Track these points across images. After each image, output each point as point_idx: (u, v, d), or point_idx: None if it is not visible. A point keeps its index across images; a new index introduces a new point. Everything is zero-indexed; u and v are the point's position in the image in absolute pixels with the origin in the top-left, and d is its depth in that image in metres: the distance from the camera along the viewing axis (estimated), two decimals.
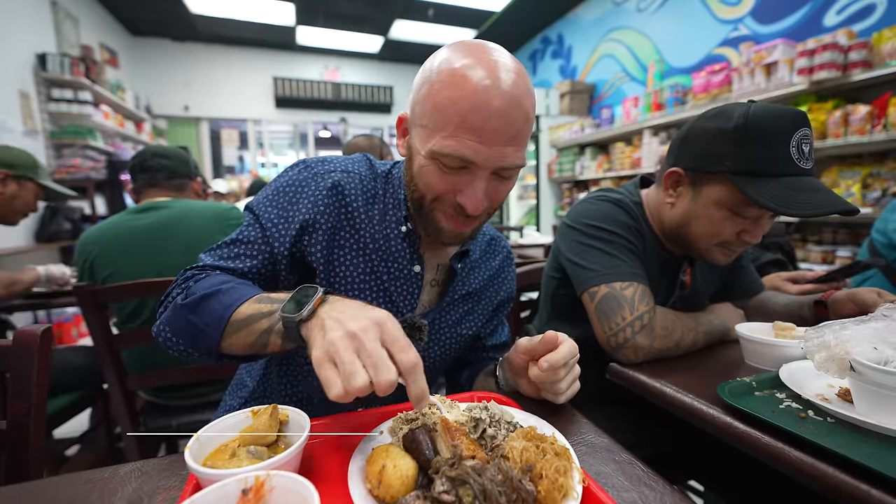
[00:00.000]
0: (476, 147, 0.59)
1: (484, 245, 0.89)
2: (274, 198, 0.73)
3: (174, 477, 0.49)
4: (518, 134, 0.61)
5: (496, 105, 0.58)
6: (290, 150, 7.95)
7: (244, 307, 0.59)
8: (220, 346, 0.60)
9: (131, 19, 5.74)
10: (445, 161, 0.61)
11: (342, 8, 5.45)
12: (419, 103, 0.64)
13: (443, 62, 0.61)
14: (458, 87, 0.58)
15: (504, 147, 0.60)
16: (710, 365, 0.85)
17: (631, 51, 4.72)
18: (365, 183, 0.76)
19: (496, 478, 0.40)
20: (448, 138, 0.60)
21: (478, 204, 0.63)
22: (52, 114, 3.91)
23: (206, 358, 0.63)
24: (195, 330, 0.62)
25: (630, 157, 4.28)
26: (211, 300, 0.61)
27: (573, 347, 0.64)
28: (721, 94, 3.25)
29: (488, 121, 0.58)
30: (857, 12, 2.80)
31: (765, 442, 0.57)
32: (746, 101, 0.85)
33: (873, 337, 0.57)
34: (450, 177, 0.63)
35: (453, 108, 0.59)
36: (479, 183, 0.63)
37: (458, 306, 0.84)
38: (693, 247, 0.95)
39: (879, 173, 2.54)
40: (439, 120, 0.60)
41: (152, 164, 1.47)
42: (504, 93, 0.58)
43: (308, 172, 0.74)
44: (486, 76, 0.58)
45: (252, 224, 0.73)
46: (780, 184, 0.79)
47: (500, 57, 0.61)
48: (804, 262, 2.80)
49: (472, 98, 0.58)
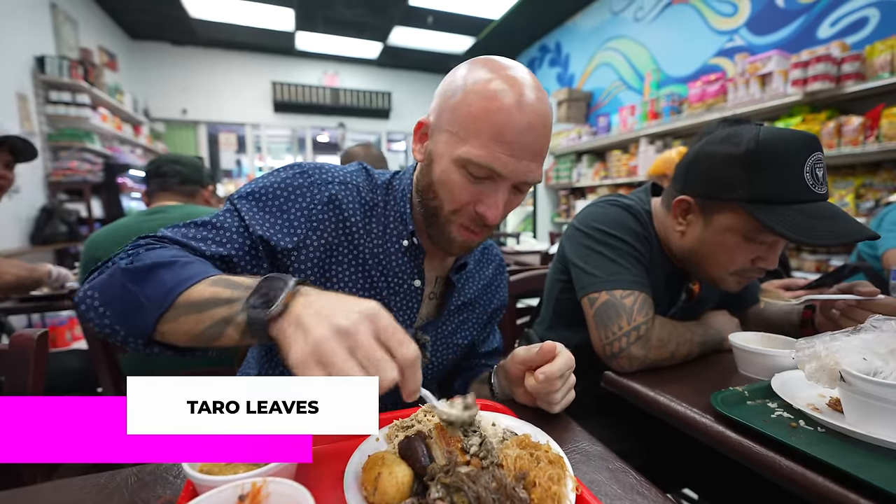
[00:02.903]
0: (506, 159, 0.61)
1: (478, 254, 0.89)
2: (261, 197, 0.68)
3: (171, 483, 0.49)
4: (542, 151, 0.64)
5: (528, 121, 0.60)
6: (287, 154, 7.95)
7: (199, 288, 0.51)
8: (157, 329, 0.52)
9: (131, 23, 5.75)
10: (472, 169, 0.62)
11: (342, 14, 5.48)
12: (449, 109, 0.64)
13: (475, 74, 0.63)
14: (494, 100, 0.60)
15: (530, 162, 0.63)
16: (703, 374, 0.85)
17: (628, 60, 4.76)
18: (363, 195, 0.74)
19: (490, 485, 0.41)
20: (480, 147, 0.61)
21: (498, 214, 0.65)
22: (49, 116, 3.90)
23: (132, 342, 0.54)
24: (133, 302, 0.52)
25: (626, 164, 4.31)
26: (162, 271, 0.53)
27: (570, 360, 0.64)
28: (716, 104, 3.29)
29: (521, 135, 0.60)
30: (851, 25, 2.84)
31: (756, 451, 0.57)
32: (754, 124, 0.83)
33: (862, 348, 0.58)
34: (473, 186, 0.64)
35: (488, 120, 0.60)
36: (502, 194, 0.64)
37: (454, 317, 0.84)
38: (707, 275, 0.93)
39: (872, 184, 2.57)
40: (472, 128, 0.61)
41: (167, 170, 1.51)
42: (535, 111, 0.61)
43: (304, 179, 0.70)
44: (520, 94, 0.60)
45: (231, 213, 0.67)
46: (796, 211, 0.76)
47: (526, 76, 0.63)
48: (798, 271, 2.82)
49: (508, 112, 0.60)
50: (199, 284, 0.52)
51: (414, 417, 0.55)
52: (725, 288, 0.93)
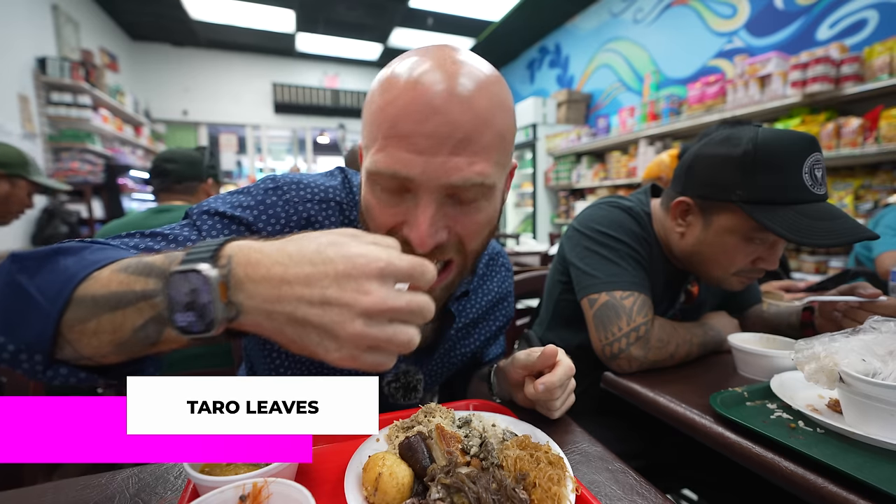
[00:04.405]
0: (408, 158, 0.47)
1: (483, 268, 0.81)
2: (226, 214, 0.58)
3: (172, 484, 0.50)
4: (469, 140, 0.47)
5: (433, 104, 0.46)
6: (288, 155, 7.96)
7: (104, 275, 0.38)
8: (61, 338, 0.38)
9: (132, 24, 5.76)
10: (381, 182, 0.50)
11: (342, 15, 5.49)
12: (362, 122, 0.54)
13: (384, 69, 0.52)
14: (387, 91, 0.48)
15: (450, 157, 0.47)
16: (703, 375, 0.85)
17: (627, 61, 4.77)
18: (346, 213, 0.65)
19: (490, 486, 0.41)
20: (377, 152, 0.49)
21: (423, 235, 0.48)
22: (50, 117, 3.91)
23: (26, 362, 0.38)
24: (22, 298, 0.38)
25: (626, 166, 4.32)
26: (63, 257, 0.40)
27: (570, 368, 0.63)
28: (716, 105, 3.29)
29: (422, 124, 0.46)
30: (850, 27, 2.85)
31: (755, 452, 0.57)
32: (753, 125, 0.84)
33: (862, 349, 0.59)
34: (390, 208, 0.51)
35: (382, 115, 0.48)
36: (425, 208, 0.48)
37: (453, 336, 0.78)
38: (708, 276, 0.93)
39: (871, 185, 2.58)
40: (370, 132, 0.50)
41: (162, 170, 1.50)
42: (445, 89, 0.46)
43: (278, 197, 0.60)
44: (422, 72, 0.47)
45: (190, 227, 0.57)
46: (795, 211, 0.76)
47: (455, 55, 0.50)
48: (798, 272, 2.82)
49: (402, 98, 0.47)
50: (103, 270, 0.39)
51: (414, 418, 0.55)
52: (727, 288, 0.93)
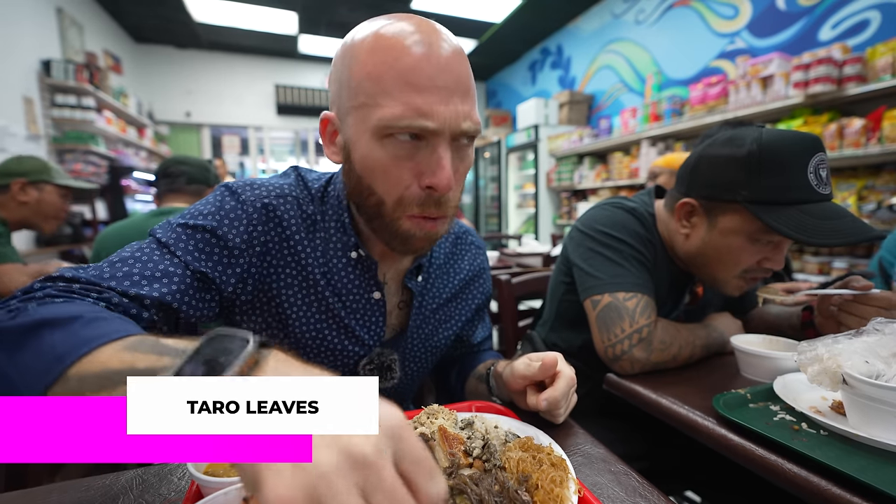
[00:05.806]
0: (428, 108, 0.51)
1: (448, 247, 0.81)
2: (191, 229, 0.59)
3: (175, 485, 0.50)
4: (470, 90, 0.54)
5: (441, 57, 0.51)
6: (290, 156, 7.98)
7: (106, 353, 0.36)
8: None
9: (136, 27, 5.79)
10: (397, 137, 0.53)
11: (345, 17, 5.50)
12: (347, 87, 0.55)
13: (358, 40, 0.54)
14: (390, 48, 0.51)
15: (460, 104, 0.52)
16: (706, 376, 0.85)
17: (629, 62, 4.77)
18: (304, 207, 0.66)
19: (493, 488, 0.41)
20: (395, 105, 0.51)
21: (448, 178, 0.53)
22: (55, 119, 3.92)
23: None
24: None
25: (628, 167, 4.31)
26: (49, 331, 0.38)
27: (571, 378, 0.63)
28: (718, 106, 3.28)
29: (437, 75, 0.51)
30: (852, 27, 2.84)
31: (758, 454, 0.57)
32: (755, 125, 0.83)
33: (865, 350, 0.58)
34: (407, 162, 0.54)
35: (392, 71, 0.51)
36: (444, 152, 0.53)
37: (431, 319, 0.78)
38: (713, 277, 0.92)
39: (874, 186, 2.57)
40: (378, 89, 0.51)
41: (173, 170, 1.57)
42: (443, 45, 0.52)
43: (235, 200, 0.62)
44: (415, 30, 0.51)
45: (157, 250, 0.56)
46: (800, 211, 0.75)
47: (413, 18, 0.54)
48: (801, 273, 2.81)
49: (411, 53, 0.50)
50: (105, 348, 0.37)
51: (417, 419, 0.55)
52: (726, 293, 0.92)
